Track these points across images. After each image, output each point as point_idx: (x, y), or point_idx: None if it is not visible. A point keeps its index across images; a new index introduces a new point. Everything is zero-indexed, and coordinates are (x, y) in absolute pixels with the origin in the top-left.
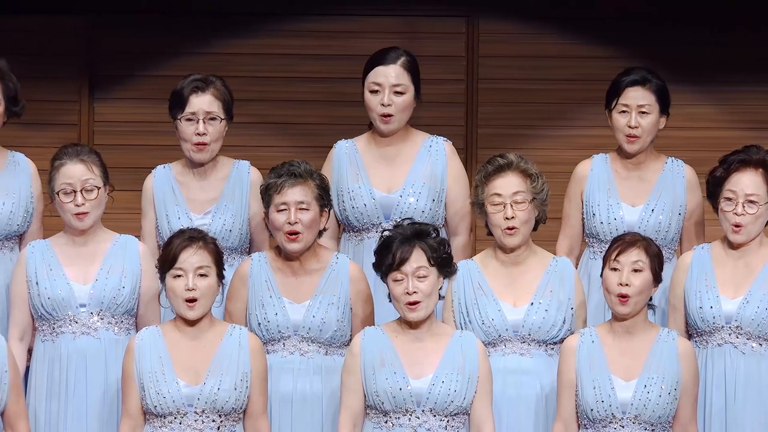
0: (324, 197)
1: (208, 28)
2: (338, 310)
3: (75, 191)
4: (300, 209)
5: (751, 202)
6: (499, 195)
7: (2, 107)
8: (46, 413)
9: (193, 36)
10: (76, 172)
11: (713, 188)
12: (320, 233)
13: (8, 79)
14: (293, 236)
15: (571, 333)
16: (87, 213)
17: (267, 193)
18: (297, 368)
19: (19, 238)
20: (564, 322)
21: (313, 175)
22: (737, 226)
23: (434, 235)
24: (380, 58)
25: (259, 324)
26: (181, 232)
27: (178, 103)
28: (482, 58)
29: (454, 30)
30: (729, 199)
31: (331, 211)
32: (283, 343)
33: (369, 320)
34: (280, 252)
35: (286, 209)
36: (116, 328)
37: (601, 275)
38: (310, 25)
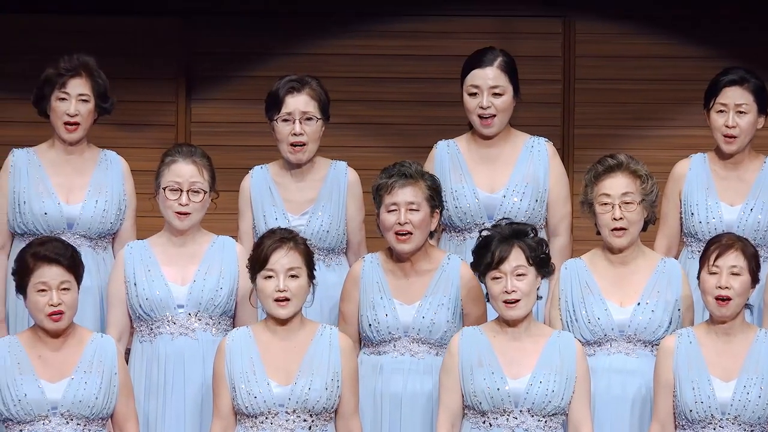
0: (435, 198)
1: (305, 28)
2: (448, 311)
3: (181, 190)
4: (410, 210)
5: None
6: (608, 195)
7: (92, 104)
8: (144, 413)
9: (290, 37)
10: (186, 171)
11: None
12: (431, 234)
13: (97, 76)
14: (403, 237)
15: None
16: (189, 214)
17: (377, 194)
18: (407, 368)
19: (112, 237)
20: (670, 323)
21: (424, 176)
22: None
23: (532, 234)
24: (477, 60)
25: (370, 325)
26: (272, 232)
27: (274, 104)
28: (579, 58)
29: (550, 30)
30: None
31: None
32: (394, 344)
33: (481, 320)
34: (391, 253)
35: (396, 210)
36: (214, 329)
37: (698, 277)
38: (405, 25)
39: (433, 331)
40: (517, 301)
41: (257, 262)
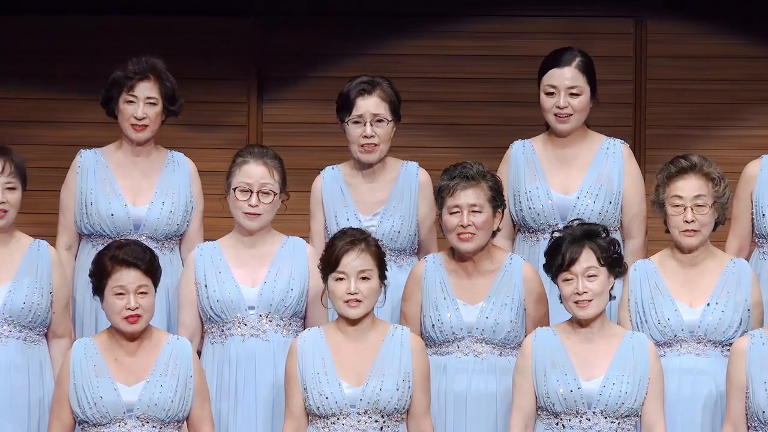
0: (497, 198)
1: (377, 29)
2: (512, 311)
3: (252, 191)
4: (472, 211)
5: None
6: (680, 197)
7: (160, 107)
8: (215, 415)
9: (362, 37)
10: (256, 172)
11: None
12: (494, 234)
13: (165, 79)
14: (465, 235)
15: None
16: (258, 215)
17: (439, 195)
18: (471, 368)
19: (179, 238)
20: (740, 324)
21: (485, 177)
22: None
23: (604, 235)
24: (555, 59)
25: (433, 325)
26: (343, 233)
27: (345, 106)
28: (651, 59)
29: (622, 30)
30: None
31: (506, 212)
32: (457, 345)
33: (543, 321)
34: (454, 253)
35: (458, 212)
36: (284, 330)
37: None
38: (478, 26)
39: (496, 331)
40: (589, 301)
41: (329, 264)
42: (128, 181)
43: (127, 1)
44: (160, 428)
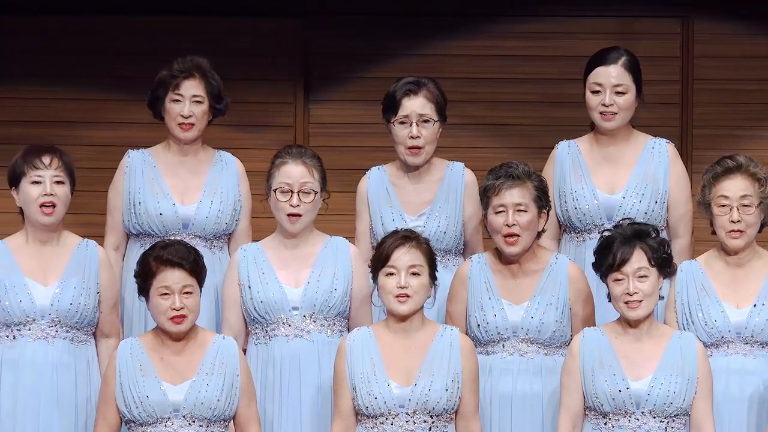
0: (542, 198)
1: (423, 29)
2: (557, 310)
3: (292, 192)
4: (518, 211)
5: None
6: (726, 197)
7: (206, 105)
8: (260, 415)
9: (408, 37)
10: (296, 172)
11: None
12: (539, 235)
13: (210, 77)
14: (511, 239)
15: None
16: (300, 215)
17: (485, 195)
18: (517, 369)
19: (228, 237)
20: None
21: (531, 177)
22: None
23: (654, 235)
24: (601, 58)
25: (479, 325)
26: (395, 232)
27: (391, 107)
28: (697, 59)
29: (669, 30)
30: None
31: (551, 212)
32: (503, 344)
33: (589, 320)
34: (499, 253)
35: (503, 211)
36: (329, 330)
37: None
38: (524, 26)
39: (542, 331)
40: (639, 302)
41: (379, 260)
42: (176, 181)
43: (175, 2)
44: (207, 427)
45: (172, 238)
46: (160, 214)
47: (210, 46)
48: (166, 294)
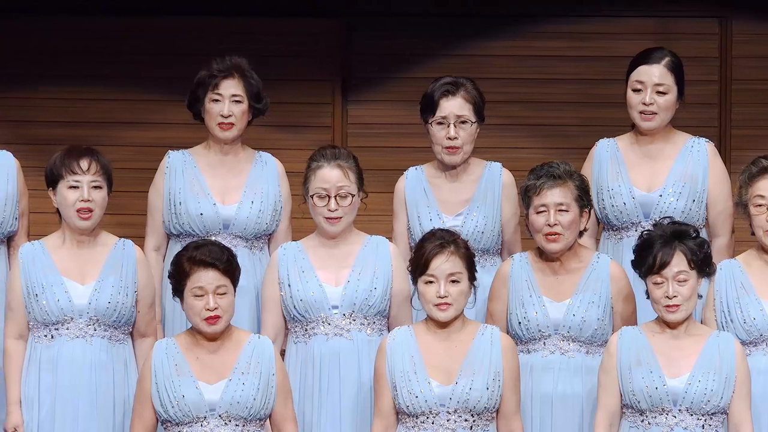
0: (584, 198)
1: (461, 30)
2: (599, 308)
3: (329, 196)
4: (559, 210)
5: None
6: (762, 197)
7: (245, 105)
8: (299, 414)
9: (446, 38)
10: (332, 177)
11: None
12: (581, 233)
13: (250, 77)
14: (552, 236)
15: None
16: (339, 219)
17: (526, 195)
18: (558, 368)
19: (269, 238)
20: None
21: (572, 176)
22: None
23: (694, 235)
24: (644, 57)
25: (520, 323)
26: (432, 234)
27: (428, 107)
28: (736, 59)
29: (707, 31)
30: None
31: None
32: (544, 342)
33: (631, 319)
34: (541, 252)
35: (545, 211)
36: (368, 329)
37: None
38: (563, 26)
39: (583, 329)
40: (678, 305)
41: (418, 266)
42: (217, 181)
43: (217, 3)
44: (243, 426)
45: (212, 238)
46: (201, 214)
47: (250, 47)
48: (200, 295)
